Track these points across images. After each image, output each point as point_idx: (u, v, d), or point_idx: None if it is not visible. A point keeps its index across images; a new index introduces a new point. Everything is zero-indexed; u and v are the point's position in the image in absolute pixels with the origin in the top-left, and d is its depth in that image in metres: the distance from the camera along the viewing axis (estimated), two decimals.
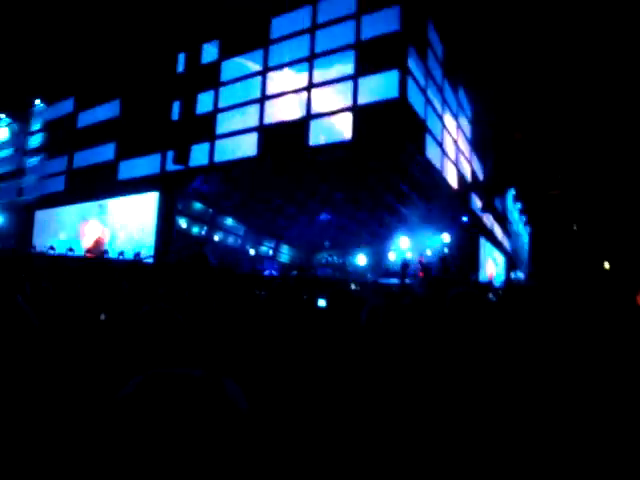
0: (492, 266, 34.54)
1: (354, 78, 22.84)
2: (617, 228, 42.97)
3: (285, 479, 1.92)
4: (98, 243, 28.61)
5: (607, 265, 41.59)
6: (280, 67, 25.14)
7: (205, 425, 0.92)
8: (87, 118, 31.52)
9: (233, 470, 0.95)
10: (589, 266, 40.13)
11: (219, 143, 26.03)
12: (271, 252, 32.00)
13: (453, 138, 29.28)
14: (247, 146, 24.94)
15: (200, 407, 0.93)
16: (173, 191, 26.30)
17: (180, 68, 27.00)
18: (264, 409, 2.12)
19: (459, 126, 30.85)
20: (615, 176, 40.98)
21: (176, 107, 25.78)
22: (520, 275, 38.36)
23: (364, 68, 22.55)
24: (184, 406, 0.92)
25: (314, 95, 23.87)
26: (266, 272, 26.07)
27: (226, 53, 26.69)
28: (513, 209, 44.31)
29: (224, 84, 26.62)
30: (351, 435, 2.06)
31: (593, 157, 40.67)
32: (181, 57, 27.00)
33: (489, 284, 23.25)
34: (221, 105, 26.54)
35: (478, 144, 34.09)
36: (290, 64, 24.84)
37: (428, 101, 24.93)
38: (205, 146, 25.92)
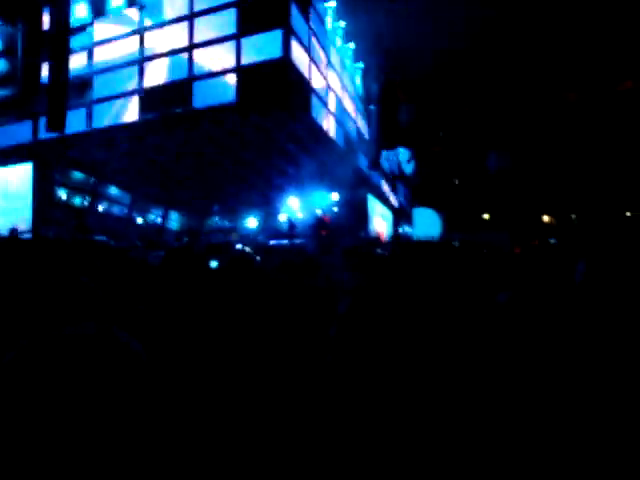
0: (381, 222, 35.63)
1: (237, 38, 22.33)
2: (495, 181, 45.54)
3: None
4: None
5: (486, 216, 44.16)
6: (159, 26, 24.06)
7: (98, 375, 0.91)
8: None
9: (134, 411, 0.95)
10: (471, 218, 42.39)
11: (98, 107, 24.69)
12: (160, 220, 31.11)
13: (338, 96, 29.54)
14: (128, 110, 23.85)
15: (90, 359, 0.91)
16: (50, 160, 24.73)
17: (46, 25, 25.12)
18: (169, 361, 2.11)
19: (344, 85, 31.13)
20: (494, 131, 43.20)
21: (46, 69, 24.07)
22: (408, 229, 39.83)
23: (247, 27, 22.09)
24: (73, 361, 0.90)
25: (197, 55, 23.13)
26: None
27: (99, 11, 25.16)
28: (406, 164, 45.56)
29: (99, 44, 25.14)
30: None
31: (473, 115, 42.58)
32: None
33: (377, 239, 24.03)
34: (97, 67, 25.10)
35: (363, 102, 34.64)
36: (170, 23, 23.84)
37: (313, 60, 24.90)
38: (82, 111, 24.50)
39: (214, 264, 7.12)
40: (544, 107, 41.37)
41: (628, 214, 37.17)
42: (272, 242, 22.19)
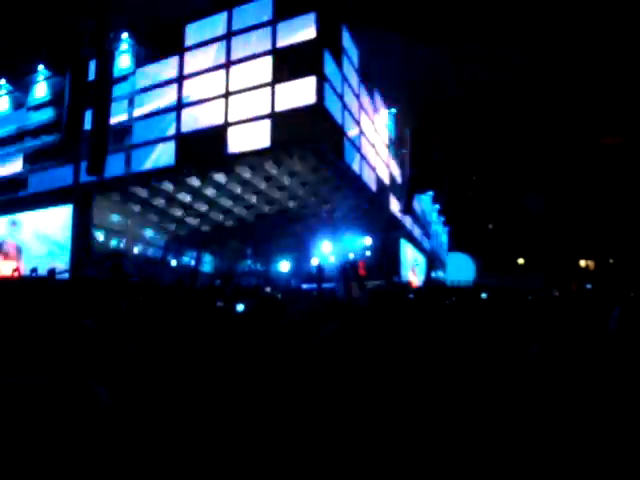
0: (413, 266, 35.40)
1: (271, 85, 22.88)
2: (530, 225, 45.06)
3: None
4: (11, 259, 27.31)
5: (521, 261, 43.54)
6: (196, 74, 24.85)
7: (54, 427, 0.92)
8: None
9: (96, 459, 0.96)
10: (505, 262, 41.88)
11: (136, 152, 25.43)
12: (193, 262, 31.43)
13: (371, 142, 29.83)
14: (165, 155, 24.49)
15: (42, 410, 0.93)
16: (89, 203, 25.42)
17: (92, 76, 26.20)
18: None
19: (376, 130, 31.46)
20: (525, 176, 42.97)
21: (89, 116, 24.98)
22: (440, 274, 39.52)
23: (281, 74, 22.64)
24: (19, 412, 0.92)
25: (232, 102, 23.73)
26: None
27: (140, 60, 26.14)
28: (432, 210, 45.60)
29: (139, 92, 26.07)
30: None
31: (505, 160, 42.53)
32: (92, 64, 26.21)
33: (409, 284, 23.85)
34: (137, 114, 25.97)
35: (396, 147, 34.88)
36: (206, 71, 24.61)
37: (345, 106, 25.29)
38: (121, 156, 25.25)
39: (240, 307, 7.14)
40: (580, 150, 41.08)
41: None
42: (304, 286, 22.19)
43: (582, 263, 39.40)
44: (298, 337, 3.13)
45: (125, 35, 25.69)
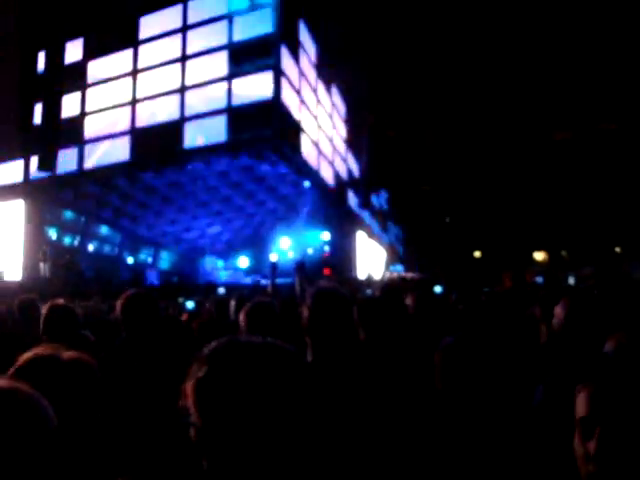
0: (371, 261, 35.68)
1: (228, 79, 22.69)
2: (486, 219, 45.97)
3: None
4: None
5: (477, 254, 44.36)
6: (151, 68, 24.44)
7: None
8: None
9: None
10: (461, 255, 42.62)
11: (89, 148, 24.88)
12: (150, 259, 30.98)
13: (328, 137, 29.87)
14: (119, 150, 24.02)
15: None
16: (40, 199, 24.73)
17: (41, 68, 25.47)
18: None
19: (334, 125, 31.52)
20: (481, 171, 43.79)
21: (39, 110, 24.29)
22: (399, 268, 39.90)
23: (238, 69, 22.47)
24: None
25: (188, 97, 23.45)
26: (147, 282, 25.09)
27: (92, 53, 25.56)
28: (389, 204, 45.97)
29: (91, 85, 25.49)
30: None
31: (461, 154, 43.22)
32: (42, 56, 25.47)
33: (367, 279, 24.00)
34: (89, 108, 25.40)
35: (353, 142, 35.03)
36: (162, 65, 24.23)
37: (302, 101, 25.26)
38: (73, 151, 24.66)
39: (190, 305, 7.14)
40: (533, 145, 42.09)
41: (617, 250, 37.49)
42: (262, 282, 22.16)
43: (536, 255, 40.36)
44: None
45: (77, 26, 25.01)
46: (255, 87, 22.10)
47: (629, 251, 35.08)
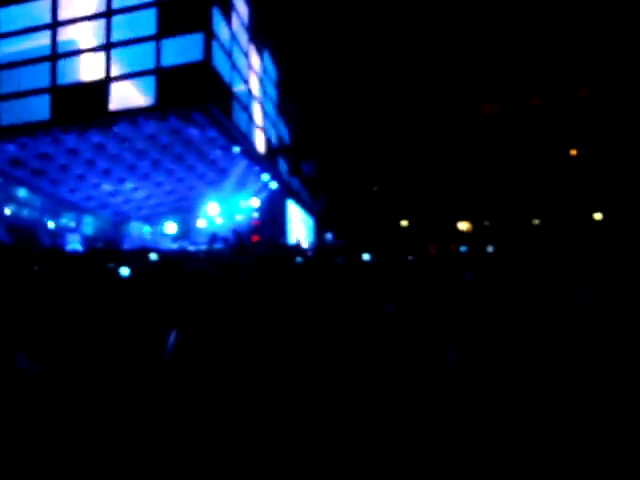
0: (301, 228, 35.85)
1: (157, 39, 21.92)
2: (415, 187, 46.87)
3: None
4: None
5: (404, 223, 45.31)
6: (73, 21, 23.23)
7: None
8: None
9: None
10: (389, 223, 43.42)
11: (5, 105, 23.52)
12: (73, 224, 29.82)
13: (260, 102, 29.51)
14: (38, 108, 22.83)
15: None
16: None
17: None
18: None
19: (265, 91, 31.14)
20: (409, 142, 44.48)
21: None
22: (329, 236, 40.23)
23: (167, 29, 21.74)
24: None
25: (114, 55, 22.50)
26: (68, 247, 24.18)
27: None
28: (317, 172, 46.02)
29: (5, 36, 23.98)
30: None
31: (391, 124, 43.70)
32: None
33: (297, 246, 24.14)
34: (3, 60, 23.93)
35: (284, 108, 34.76)
36: (85, 19, 23.07)
37: (234, 65, 24.78)
38: None
39: (126, 272, 6.99)
40: (460, 116, 43.10)
41: (536, 222, 39.17)
42: (190, 248, 21.87)
43: (460, 226, 41.59)
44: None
45: None
46: (185, 48, 21.48)
47: (547, 223, 36.76)
